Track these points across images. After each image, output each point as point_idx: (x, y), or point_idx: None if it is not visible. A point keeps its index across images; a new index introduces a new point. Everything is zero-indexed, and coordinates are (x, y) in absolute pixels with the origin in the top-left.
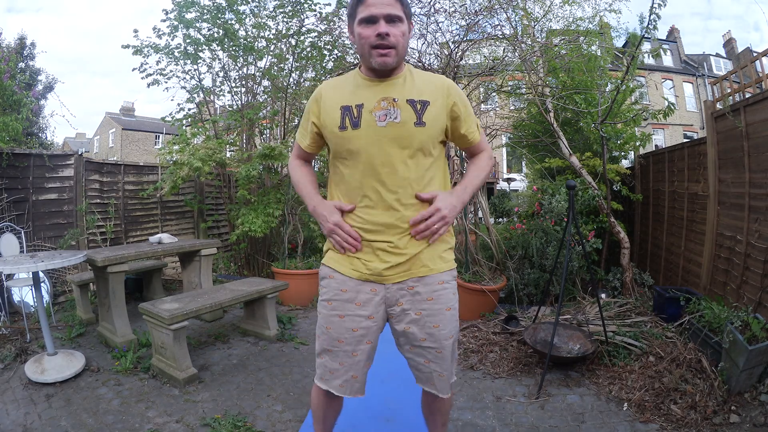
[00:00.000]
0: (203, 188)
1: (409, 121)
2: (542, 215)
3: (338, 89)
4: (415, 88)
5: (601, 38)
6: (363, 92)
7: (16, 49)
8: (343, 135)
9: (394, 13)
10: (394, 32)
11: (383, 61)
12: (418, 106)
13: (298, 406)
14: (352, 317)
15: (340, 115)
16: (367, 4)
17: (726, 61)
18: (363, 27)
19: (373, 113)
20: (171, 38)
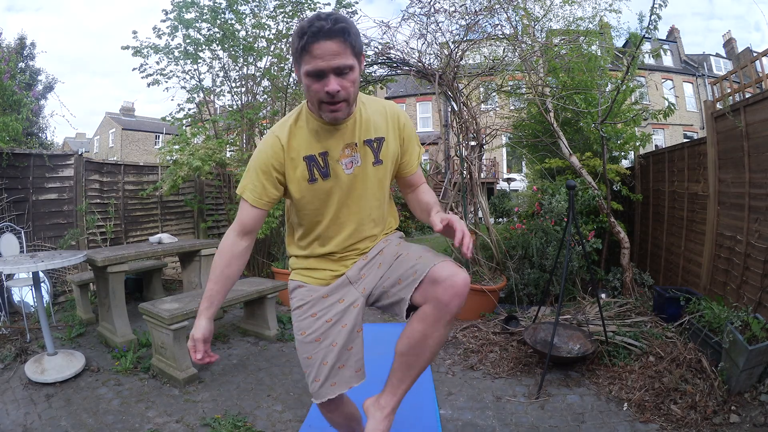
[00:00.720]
0: (203, 188)
1: (368, 161)
2: (542, 215)
3: (296, 137)
4: (370, 125)
5: (601, 38)
6: (325, 140)
7: (16, 49)
8: (313, 187)
9: (343, 64)
10: (345, 84)
11: (334, 116)
12: (375, 144)
13: (298, 406)
14: (324, 310)
15: (306, 167)
16: (314, 54)
17: (726, 61)
18: (311, 80)
19: (339, 162)
20: (171, 38)
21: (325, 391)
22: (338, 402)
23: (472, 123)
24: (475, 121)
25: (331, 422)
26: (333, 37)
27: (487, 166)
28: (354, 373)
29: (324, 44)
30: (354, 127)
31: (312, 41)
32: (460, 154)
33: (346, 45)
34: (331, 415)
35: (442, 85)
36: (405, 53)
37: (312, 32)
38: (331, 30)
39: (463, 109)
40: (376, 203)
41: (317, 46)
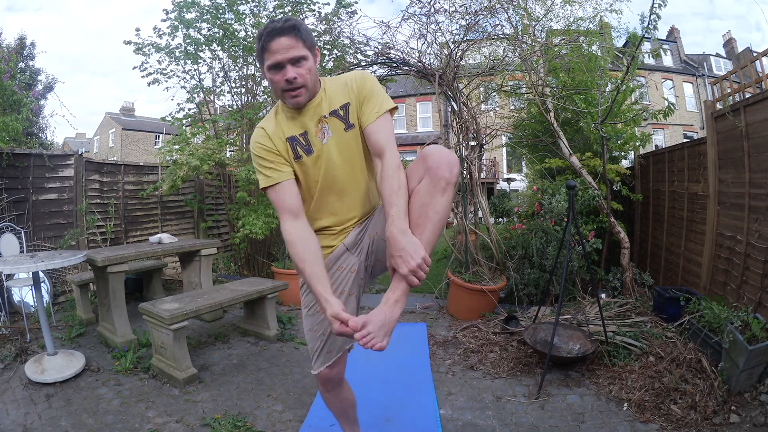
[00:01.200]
0: (203, 188)
1: (339, 129)
2: (542, 215)
3: (279, 125)
4: (334, 98)
5: (601, 38)
6: (299, 121)
7: (16, 49)
8: (300, 164)
9: (297, 55)
10: (301, 72)
11: (296, 101)
12: (341, 111)
13: (298, 406)
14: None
15: (291, 147)
16: (272, 51)
17: (726, 61)
18: (272, 73)
19: (316, 136)
20: (171, 38)
21: (322, 359)
22: (337, 382)
23: (472, 123)
24: (475, 121)
25: (327, 403)
26: (285, 34)
27: (487, 166)
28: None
29: (279, 40)
30: (321, 103)
31: (269, 39)
32: (460, 154)
33: (298, 39)
34: (329, 395)
35: (442, 85)
36: (405, 53)
37: (267, 32)
38: (283, 28)
39: (463, 109)
40: (361, 170)
41: (273, 42)
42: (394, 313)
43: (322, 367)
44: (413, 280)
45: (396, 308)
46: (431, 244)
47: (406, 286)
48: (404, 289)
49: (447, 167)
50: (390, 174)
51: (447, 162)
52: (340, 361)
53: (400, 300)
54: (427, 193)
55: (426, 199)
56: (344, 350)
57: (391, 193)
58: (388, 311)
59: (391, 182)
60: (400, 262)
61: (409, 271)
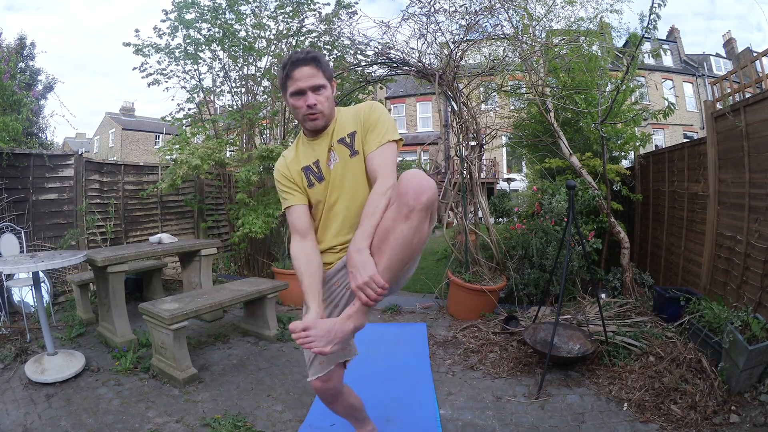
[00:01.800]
0: (203, 188)
1: (345, 156)
2: (542, 215)
3: (298, 155)
4: (342, 127)
5: (601, 38)
6: (314, 151)
7: (16, 49)
8: (314, 191)
9: (317, 84)
10: (320, 99)
11: (314, 125)
12: (348, 140)
13: (298, 406)
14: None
15: (305, 176)
16: (294, 79)
17: (726, 61)
18: (294, 99)
19: (326, 163)
20: (171, 38)
21: (314, 369)
22: (334, 394)
23: (472, 123)
24: (475, 121)
25: (333, 411)
26: (308, 64)
27: (487, 166)
28: (340, 350)
29: (302, 69)
30: (332, 133)
31: (293, 68)
32: (460, 154)
33: (318, 69)
34: (329, 405)
35: (442, 85)
36: (405, 53)
37: (291, 62)
38: (306, 59)
39: (463, 109)
40: (363, 194)
41: (296, 71)
42: (344, 326)
43: (315, 377)
44: (362, 297)
45: (348, 322)
46: (391, 269)
47: (360, 303)
48: (358, 306)
49: (413, 194)
50: (371, 199)
51: (414, 189)
52: (333, 375)
53: (353, 316)
54: (390, 218)
55: (388, 224)
56: (338, 363)
57: (364, 216)
58: (339, 323)
59: (368, 206)
60: (350, 278)
61: (357, 287)
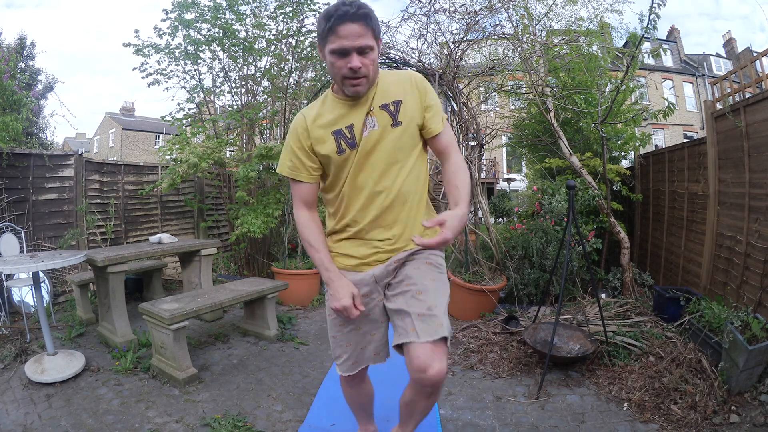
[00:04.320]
0: (203, 188)
1: (386, 124)
2: (542, 215)
3: (324, 116)
4: (385, 92)
5: (601, 38)
6: (348, 113)
7: (16, 49)
8: (342, 158)
9: (365, 44)
10: (366, 63)
11: (356, 90)
12: (391, 107)
13: (298, 406)
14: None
15: (334, 140)
16: (339, 34)
17: (726, 61)
18: (335, 57)
19: (362, 131)
20: (171, 38)
21: (346, 367)
22: (360, 380)
23: (472, 123)
24: (475, 121)
25: (347, 396)
26: (357, 21)
27: (487, 166)
28: (372, 355)
29: (349, 26)
30: (372, 97)
31: (338, 23)
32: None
33: (368, 28)
34: (351, 390)
35: (442, 85)
36: (405, 53)
37: (338, 15)
38: (356, 14)
39: (463, 109)
40: (399, 169)
41: (343, 27)
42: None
43: (346, 373)
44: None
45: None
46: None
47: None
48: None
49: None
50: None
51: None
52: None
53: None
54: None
55: (415, 397)
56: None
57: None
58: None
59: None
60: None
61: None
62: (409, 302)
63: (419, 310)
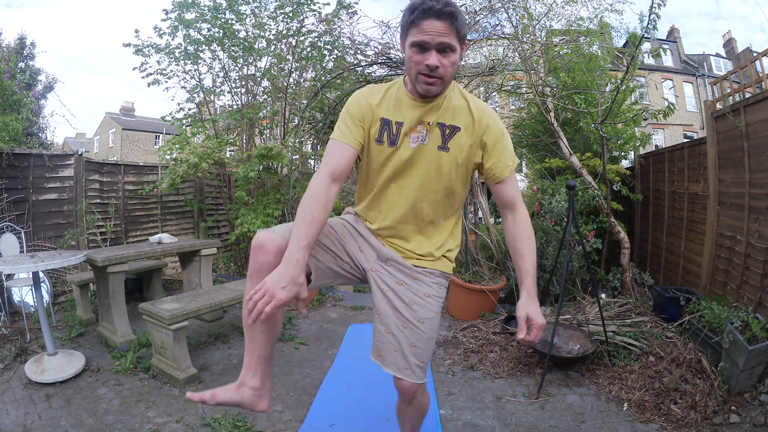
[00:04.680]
0: (203, 188)
1: (434, 143)
2: (542, 215)
3: (385, 100)
4: (449, 112)
5: (601, 38)
6: (405, 111)
7: (16, 49)
8: (379, 149)
9: (447, 43)
10: (444, 63)
11: (428, 89)
12: (447, 130)
13: (298, 406)
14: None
15: (380, 128)
16: (422, 29)
17: (726, 61)
18: (414, 51)
19: (408, 135)
20: (171, 38)
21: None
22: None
23: None
24: None
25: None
26: (441, 18)
27: None
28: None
29: (433, 22)
30: (436, 108)
31: (422, 17)
32: None
33: (452, 28)
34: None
35: None
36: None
37: (423, 9)
38: (441, 11)
39: None
40: (432, 193)
41: (426, 22)
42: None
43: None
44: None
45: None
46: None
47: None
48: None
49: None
50: (528, 237)
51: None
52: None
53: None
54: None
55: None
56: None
57: (528, 258)
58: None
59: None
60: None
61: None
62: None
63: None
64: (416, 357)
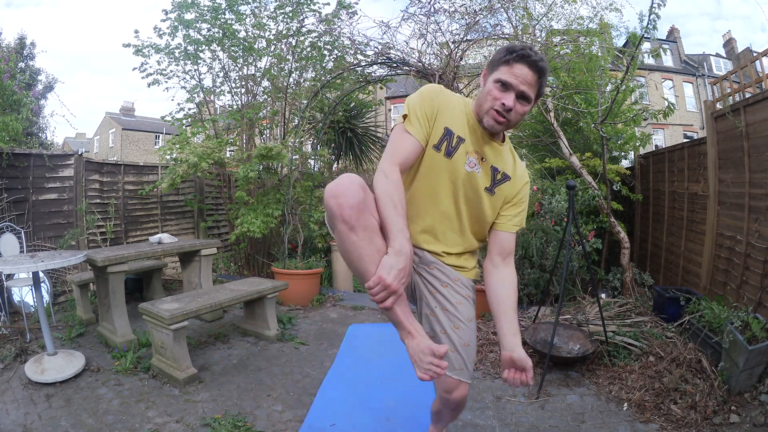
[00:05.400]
0: (203, 188)
1: (483, 183)
2: (542, 215)
3: (454, 110)
4: (502, 160)
5: (601, 38)
6: (468, 131)
7: (16, 48)
8: (434, 155)
9: (528, 93)
10: (518, 110)
11: (493, 125)
12: (498, 176)
13: (298, 406)
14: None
15: (442, 135)
16: (513, 71)
17: (726, 61)
18: (497, 87)
19: (467, 155)
20: (171, 38)
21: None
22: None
23: None
24: None
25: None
26: (533, 69)
27: None
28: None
29: (524, 69)
30: (491, 148)
31: (518, 60)
32: None
33: (538, 82)
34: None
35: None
36: (405, 53)
37: (522, 54)
38: (536, 63)
39: None
40: (474, 223)
41: (519, 66)
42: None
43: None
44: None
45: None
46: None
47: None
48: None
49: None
50: (512, 291)
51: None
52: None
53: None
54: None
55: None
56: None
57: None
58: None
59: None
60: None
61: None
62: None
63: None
64: (470, 355)
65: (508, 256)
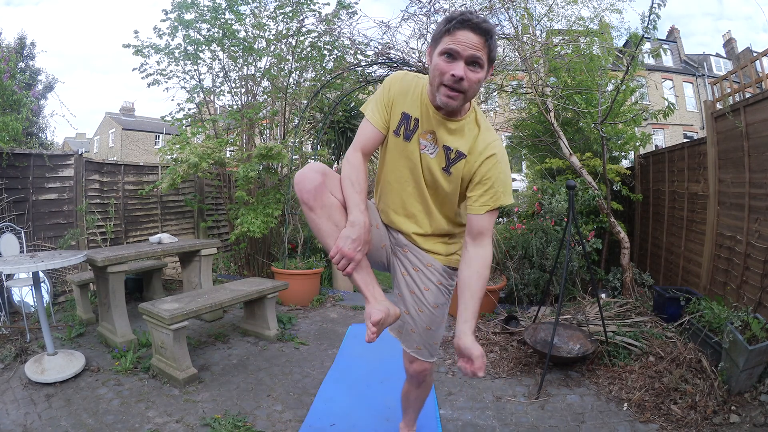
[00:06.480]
0: (203, 188)
1: (439, 163)
2: (542, 215)
3: (406, 93)
4: (459, 138)
5: (602, 38)
6: (423, 113)
7: (16, 48)
8: (394, 141)
9: (477, 57)
10: (470, 77)
11: (448, 102)
12: (452, 155)
13: (298, 406)
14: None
15: (399, 120)
16: (455, 38)
17: (726, 61)
18: (443, 59)
19: (420, 138)
20: (171, 39)
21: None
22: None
23: None
24: None
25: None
26: (477, 32)
27: None
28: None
29: (467, 33)
30: (444, 127)
31: (459, 27)
32: None
33: (486, 45)
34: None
35: None
36: (405, 53)
37: (461, 20)
38: (478, 25)
39: None
40: (441, 205)
41: (462, 32)
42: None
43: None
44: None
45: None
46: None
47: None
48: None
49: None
50: (481, 275)
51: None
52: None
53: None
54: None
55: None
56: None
57: (473, 296)
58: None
59: (478, 283)
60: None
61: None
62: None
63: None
64: (430, 339)
65: (478, 237)
